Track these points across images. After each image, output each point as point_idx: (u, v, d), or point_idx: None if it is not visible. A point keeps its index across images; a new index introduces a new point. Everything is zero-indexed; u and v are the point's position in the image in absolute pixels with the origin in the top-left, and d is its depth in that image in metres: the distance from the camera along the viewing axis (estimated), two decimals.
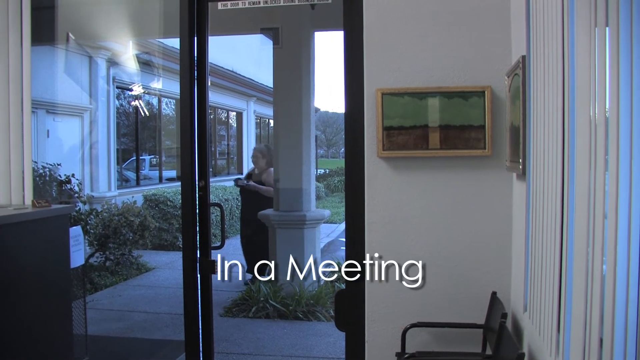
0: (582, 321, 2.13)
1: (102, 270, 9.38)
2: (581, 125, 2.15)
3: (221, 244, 4.40)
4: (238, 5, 4.38)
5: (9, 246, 3.76)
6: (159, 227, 11.32)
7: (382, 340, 3.86)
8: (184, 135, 4.24)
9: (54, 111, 11.25)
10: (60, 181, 8.95)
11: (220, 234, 4.51)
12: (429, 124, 3.74)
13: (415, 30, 3.79)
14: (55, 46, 10.40)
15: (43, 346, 4.02)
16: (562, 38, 2.29)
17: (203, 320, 4.35)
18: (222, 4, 4.38)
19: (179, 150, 4.31)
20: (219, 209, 4.67)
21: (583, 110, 2.13)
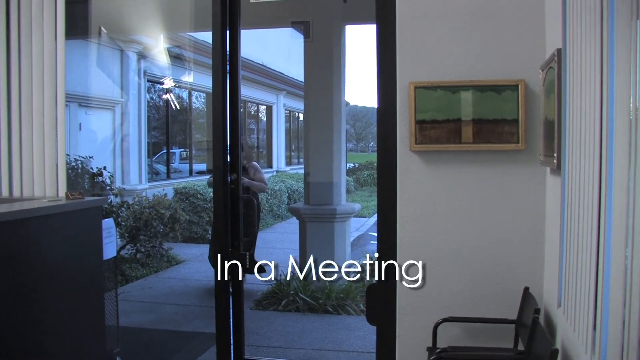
0: (620, 319, 2.10)
1: (133, 262, 9.45)
2: (620, 118, 2.11)
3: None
4: None
5: (43, 238, 3.79)
6: (189, 220, 11.38)
7: (413, 335, 3.85)
8: (216, 128, 4.25)
9: (86, 104, 11.35)
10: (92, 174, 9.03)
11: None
12: (462, 118, 3.71)
13: (448, 23, 3.76)
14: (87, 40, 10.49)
15: (76, 337, 4.06)
16: (601, 30, 2.26)
17: (234, 313, 4.37)
18: None
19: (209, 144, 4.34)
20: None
21: (622, 103, 2.10)
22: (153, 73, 13.48)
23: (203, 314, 6.90)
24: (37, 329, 3.68)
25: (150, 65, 13.22)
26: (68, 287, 3.97)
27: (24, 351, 3.56)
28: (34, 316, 3.66)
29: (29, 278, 3.61)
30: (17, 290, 3.50)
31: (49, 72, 4.52)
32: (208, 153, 16.46)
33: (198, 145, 16.87)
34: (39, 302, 3.70)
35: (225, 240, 4.27)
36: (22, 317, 3.54)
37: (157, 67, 13.35)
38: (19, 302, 3.52)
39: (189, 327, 6.43)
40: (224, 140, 4.26)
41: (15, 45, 4.55)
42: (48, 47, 4.53)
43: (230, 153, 4.32)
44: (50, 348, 3.78)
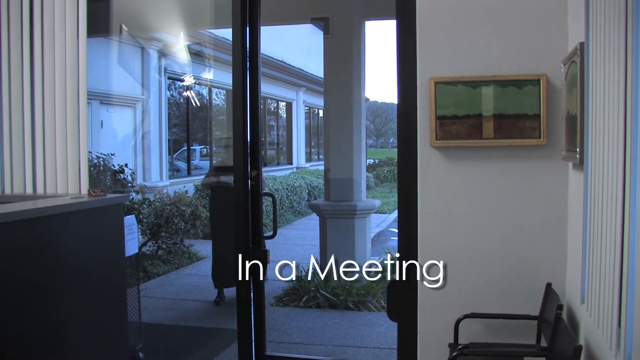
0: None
1: (155, 259, 9.49)
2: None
3: (273, 234, 4.42)
4: None
5: (66, 235, 3.82)
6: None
7: (435, 331, 3.84)
8: (236, 125, 4.27)
9: (107, 102, 11.41)
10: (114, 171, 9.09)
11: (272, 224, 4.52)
12: (483, 113, 3.69)
13: (468, 18, 3.74)
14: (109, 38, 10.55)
15: (99, 333, 4.09)
16: (625, 23, 2.23)
17: (255, 309, 4.38)
18: None
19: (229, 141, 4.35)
20: (269, 199, 4.69)
21: None
22: (173, 70, 13.52)
23: (223, 311, 6.92)
24: (61, 326, 3.70)
25: (170, 62, 13.26)
26: (91, 284, 4.00)
27: (47, 347, 3.59)
28: (57, 312, 3.69)
29: (53, 274, 3.64)
30: (40, 286, 3.53)
31: (71, 70, 4.55)
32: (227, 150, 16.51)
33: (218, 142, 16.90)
34: (62, 298, 3.73)
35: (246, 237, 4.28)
36: (46, 314, 3.57)
37: (177, 65, 13.39)
38: (43, 298, 3.55)
39: (210, 324, 6.47)
40: (245, 137, 4.26)
41: (38, 44, 4.60)
42: (70, 45, 4.56)
43: (251, 150, 4.33)
44: (73, 344, 3.81)
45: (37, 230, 3.55)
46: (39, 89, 4.61)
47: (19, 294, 3.35)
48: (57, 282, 3.68)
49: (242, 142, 4.25)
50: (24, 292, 3.40)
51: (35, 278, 3.49)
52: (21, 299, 3.37)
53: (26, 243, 3.45)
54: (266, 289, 4.49)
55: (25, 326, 3.39)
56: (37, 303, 3.50)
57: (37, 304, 3.50)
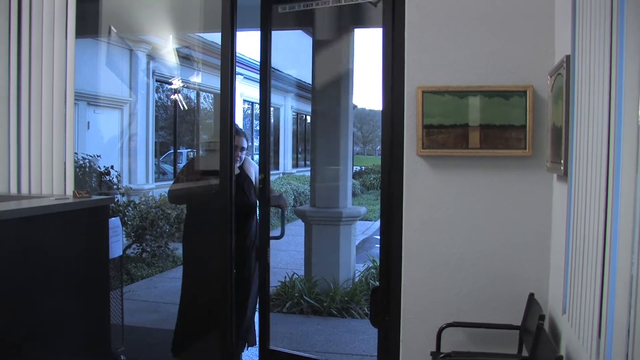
0: (625, 327, 2.09)
1: (139, 261, 9.46)
2: (628, 126, 2.11)
3: (281, 234, 4.43)
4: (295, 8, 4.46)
5: (50, 235, 3.80)
6: None
7: (417, 339, 3.85)
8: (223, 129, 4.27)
9: (95, 103, 11.38)
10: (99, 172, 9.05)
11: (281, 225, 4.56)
12: (470, 123, 3.71)
13: (457, 28, 3.77)
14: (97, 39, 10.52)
15: (82, 335, 4.07)
16: (610, 37, 2.26)
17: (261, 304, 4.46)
18: (281, 7, 4.46)
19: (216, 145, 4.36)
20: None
21: (631, 111, 2.10)
22: (162, 73, 13.51)
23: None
24: (43, 327, 3.69)
25: (159, 65, 13.24)
26: (74, 285, 3.98)
27: (29, 349, 3.57)
28: (40, 314, 3.67)
29: (36, 275, 3.62)
30: (23, 287, 3.51)
31: (59, 70, 4.54)
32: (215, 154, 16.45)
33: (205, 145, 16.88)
34: (45, 299, 3.72)
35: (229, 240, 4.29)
36: (28, 315, 3.56)
37: (165, 67, 13.37)
38: (25, 299, 3.54)
39: None
40: (230, 139, 4.27)
41: (26, 43, 4.58)
42: (58, 45, 4.55)
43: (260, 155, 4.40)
44: (56, 346, 3.79)
45: (21, 230, 3.54)
46: (26, 89, 4.60)
47: (1, 294, 3.33)
48: (40, 283, 3.66)
49: (227, 145, 4.25)
50: (7, 293, 3.38)
51: (19, 279, 3.47)
52: (3, 299, 3.35)
53: (9, 243, 3.43)
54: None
55: (7, 327, 3.37)
56: (19, 304, 3.48)
57: (19, 305, 3.48)
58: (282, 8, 4.54)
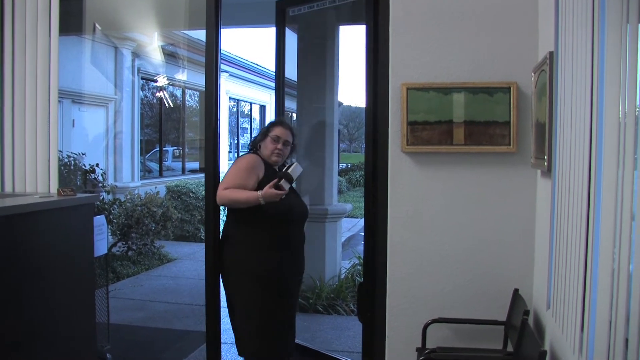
0: (607, 321, 2.11)
1: (124, 259, 9.43)
2: (610, 122, 2.13)
3: None
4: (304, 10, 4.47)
5: (34, 234, 3.79)
6: (181, 218, 11.36)
7: (403, 335, 3.87)
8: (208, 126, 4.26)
9: (79, 101, 11.32)
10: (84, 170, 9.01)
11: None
12: (454, 120, 3.73)
13: (441, 25, 3.78)
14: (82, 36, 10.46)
15: (67, 333, 4.06)
16: (592, 34, 2.27)
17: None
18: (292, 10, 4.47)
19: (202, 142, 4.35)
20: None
21: (612, 107, 2.12)
22: (147, 71, 13.46)
23: (193, 313, 6.89)
24: (27, 325, 3.67)
25: (144, 62, 13.20)
26: (59, 284, 3.97)
27: (14, 347, 3.56)
28: (24, 312, 3.65)
29: (20, 274, 3.60)
30: (7, 285, 3.50)
31: (43, 68, 4.52)
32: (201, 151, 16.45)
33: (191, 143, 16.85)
34: (29, 298, 3.70)
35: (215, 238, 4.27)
36: (12, 313, 3.54)
37: (151, 65, 13.33)
38: (9, 298, 3.52)
39: (180, 325, 6.42)
40: (215, 138, 4.26)
41: (9, 41, 4.55)
42: (42, 43, 4.52)
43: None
44: (40, 344, 3.78)
45: (5, 229, 3.52)
46: (9, 87, 4.57)
47: None
48: (24, 281, 3.64)
49: (212, 142, 4.25)
50: None
51: (2, 277, 3.46)
52: None
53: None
54: None
55: None
56: (2, 302, 3.46)
57: (2, 303, 3.46)
58: (292, 11, 4.56)
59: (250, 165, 3.98)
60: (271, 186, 3.78)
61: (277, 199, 3.81)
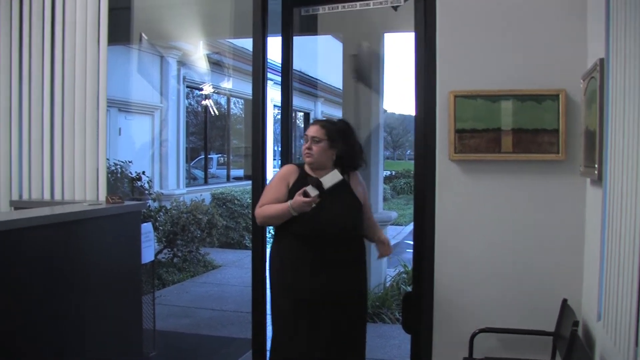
0: None
1: (170, 266, 9.51)
2: None
3: None
4: (319, 11, 4.43)
5: (83, 241, 3.84)
6: (226, 226, 11.43)
7: (449, 345, 3.83)
8: (255, 134, 4.27)
9: (126, 109, 11.47)
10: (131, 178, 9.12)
11: None
12: (502, 127, 3.69)
13: (488, 32, 3.75)
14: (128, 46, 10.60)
15: (114, 339, 4.10)
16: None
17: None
18: (304, 10, 4.43)
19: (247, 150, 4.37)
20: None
21: None
22: (192, 79, 13.59)
23: (238, 320, 6.91)
24: (76, 331, 3.72)
25: (189, 71, 13.32)
26: (107, 290, 4.01)
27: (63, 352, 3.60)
28: (73, 318, 3.70)
29: (70, 280, 3.66)
30: (56, 292, 3.55)
31: (92, 77, 4.59)
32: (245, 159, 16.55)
33: (236, 151, 16.95)
34: (79, 304, 3.75)
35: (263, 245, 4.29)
36: (62, 320, 3.59)
37: (196, 73, 13.45)
38: (59, 304, 3.57)
39: (225, 332, 6.45)
40: (263, 145, 4.27)
41: (59, 51, 4.64)
42: (91, 52, 4.60)
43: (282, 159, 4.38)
44: (88, 350, 3.82)
45: (55, 236, 3.58)
46: (59, 96, 4.65)
47: (34, 299, 3.37)
48: (73, 287, 3.69)
49: (260, 150, 4.26)
50: (41, 297, 3.42)
51: (52, 283, 3.51)
52: (37, 304, 3.39)
53: (43, 249, 3.47)
54: None
55: (41, 332, 3.40)
56: (52, 309, 3.51)
57: (52, 310, 3.51)
58: (304, 10, 4.53)
59: (281, 174, 3.80)
60: (300, 194, 3.51)
61: (307, 208, 3.51)
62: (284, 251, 3.74)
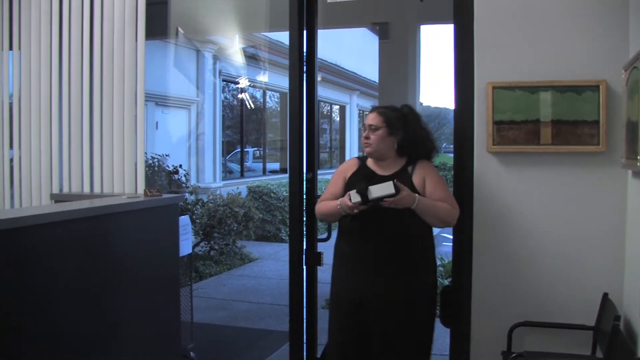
0: None
1: (207, 259, 9.58)
2: None
3: (328, 236, 4.40)
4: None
5: (122, 233, 3.87)
6: (262, 219, 11.48)
7: (488, 338, 3.80)
8: (292, 127, 4.27)
9: (163, 103, 11.57)
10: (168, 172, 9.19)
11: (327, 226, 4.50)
12: (541, 119, 3.65)
13: (527, 22, 3.71)
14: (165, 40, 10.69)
15: (153, 331, 4.13)
16: None
17: (308, 311, 4.38)
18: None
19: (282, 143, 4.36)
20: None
21: None
22: (228, 73, 13.65)
23: (275, 312, 6.94)
24: (115, 323, 3.76)
25: (225, 65, 13.39)
26: (146, 282, 4.04)
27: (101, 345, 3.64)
28: (112, 310, 3.74)
29: (108, 272, 3.69)
30: (96, 284, 3.58)
31: (130, 71, 4.63)
32: (281, 152, 16.59)
33: (271, 144, 17.00)
34: (118, 296, 3.79)
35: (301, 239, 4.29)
36: (101, 311, 3.63)
37: (232, 67, 13.51)
38: (98, 296, 3.61)
39: (262, 325, 6.48)
40: (300, 139, 4.26)
41: (98, 46, 4.68)
42: (129, 47, 4.64)
43: (307, 152, 4.33)
44: (127, 342, 3.86)
45: (94, 228, 3.61)
46: (98, 91, 4.70)
47: (74, 291, 3.41)
48: (112, 279, 3.73)
49: (297, 144, 4.25)
50: (80, 290, 3.45)
51: (92, 276, 3.54)
52: (77, 296, 3.42)
53: (83, 241, 3.50)
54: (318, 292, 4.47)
55: (80, 323, 3.44)
56: (92, 300, 3.55)
57: (92, 302, 3.55)
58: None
59: (340, 168, 3.70)
60: (347, 195, 3.37)
61: (350, 211, 3.35)
62: (337, 248, 3.63)
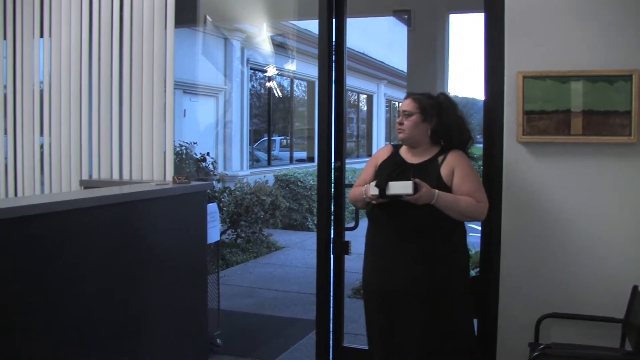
0: None
1: (234, 247, 9.62)
2: None
3: (355, 225, 4.39)
4: None
5: (151, 219, 3.91)
6: (289, 207, 11.50)
7: (515, 329, 3.78)
8: (321, 116, 4.27)
9: (190, 91, 11.61)
10: (196, 159, 9.24)
11: (355, 215, 4.49)
12: (572, 109, 3.61)
13: (558, 11, 3.67)
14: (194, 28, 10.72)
15: (180, 318, 4.17)
16: None
17: (334, 300, 4.39)
18: None
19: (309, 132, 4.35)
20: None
21: None
22: (256, 61, 13.67)
23: (301, 301, 6.95)
24: (144, 309, 3.79)
25: (253, 53, 13.40)
26: (174, 269, 4.08)
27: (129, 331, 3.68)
28: (141, 296, 3.78)
29: (137, 258, 3.73)
30: (125, 270, 3.62)
31: (159, 59, 4.65)
32: (308, 141, 16.59)
33: (298, 133, 17.01)
34: (146, 282, 3.82)
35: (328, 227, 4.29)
36: (129, 297, 3.67)
37: (260, 55, 13.53)
38: (127, 281, 3.64)
39: (288, 313, 6.50)
40: (329, 127, 4.26)
41: (127, 34, 4.71)
42: (158, 35, 4.65)
43: (336, 140, 4.33)
44: (155, 328, 3.90)
45: (123, 215, 3.65)
46: (127, 78, 4.73)
47: (103, 276, 3.44)
48: (141, 265, 3.76)
49: (326, 132, 4.25)
50: (108, 275, 3.49)
51: (120, 262, 3.58)
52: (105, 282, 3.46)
53: (112, 227, 3.54)
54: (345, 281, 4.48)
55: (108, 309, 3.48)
56: (120, 286, 3.59)
57: (120, 288, 3.59)
58: None
59: (374, 155, 3.66)
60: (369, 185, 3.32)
61: (370, 201, 3.32)
62: (367, 236, 3.58)
